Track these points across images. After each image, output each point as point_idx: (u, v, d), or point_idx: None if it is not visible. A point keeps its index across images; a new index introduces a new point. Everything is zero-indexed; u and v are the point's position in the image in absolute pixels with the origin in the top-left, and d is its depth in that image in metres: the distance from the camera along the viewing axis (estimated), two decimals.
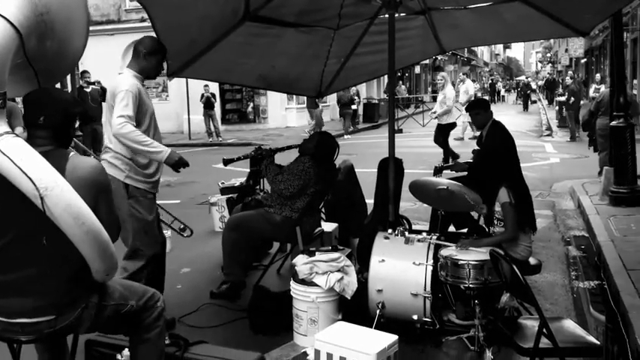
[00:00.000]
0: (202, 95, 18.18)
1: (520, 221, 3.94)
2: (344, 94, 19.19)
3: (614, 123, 7.33)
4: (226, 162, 5.46)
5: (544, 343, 2.79)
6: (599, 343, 2.98)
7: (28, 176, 2.14)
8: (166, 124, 22.26)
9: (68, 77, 10.55)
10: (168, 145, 4.01)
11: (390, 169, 4.73)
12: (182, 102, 19.81)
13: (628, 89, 8.15)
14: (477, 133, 7.29)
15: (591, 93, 18.48)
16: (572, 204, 8.16)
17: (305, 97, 20.15)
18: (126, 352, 3.01)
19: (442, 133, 11.98)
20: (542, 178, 10.11)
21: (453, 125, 12.29)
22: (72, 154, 2.45)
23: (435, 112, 12.46)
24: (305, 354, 3.74)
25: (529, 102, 32.79)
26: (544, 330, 2.78)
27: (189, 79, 16.12)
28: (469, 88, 16.38)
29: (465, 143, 15.30)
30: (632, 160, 7.15)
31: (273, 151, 5.08)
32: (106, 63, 18.74)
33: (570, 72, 22.80)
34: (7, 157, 2.15)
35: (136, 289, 2.76)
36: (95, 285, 2.50)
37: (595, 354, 3.20)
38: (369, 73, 6.93)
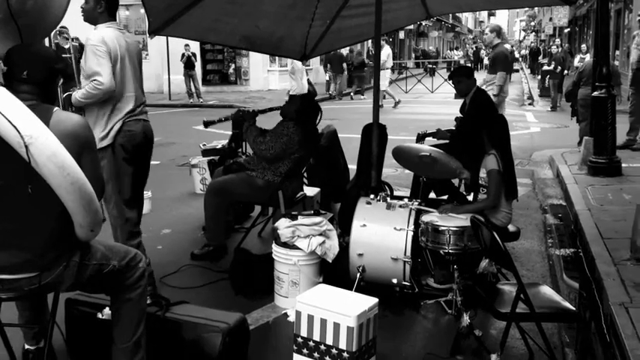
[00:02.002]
0: (183, 55, 17.88)
1: (504, 189, 3.98)
2: (355, 57, 19.20)
3: (595, 93, 7.38)
4: (207, 124, 5.39)
5: (521, 308, 2.85)
6: (574, 309, 3.05)
7: (12, 124, 2.11)
8: (146, 83, 21.66)
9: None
10: (148, 106, 3.92)
11: (374, 134, 4.72)
12: (162, 61, 19.45)
13: (610, 60, 8.17)
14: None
15: (576, 63, 18.53)
16: (551, 173, 8.26)
17: (289, 60, 20.02)
18: (107, 310, 3.02)
19: None
20: (523, 147, 10.20)
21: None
22: (56, 109, 2.42)
23: None
24: (286, 315, 3.79)
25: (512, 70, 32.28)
26: (521, 295, 2.83)
27: (169, 38, 15.84)
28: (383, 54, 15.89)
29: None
30: (611, 131, 7.22)
31: (255, 114, 5.02)
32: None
33: (558, 41, 22.77)
34: None
35: (118, 249, 2.75)
36: (77, 244, 2.48)
37: (570, 319, 3.29)
38: (354, 37, 6.85)
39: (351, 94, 20.58)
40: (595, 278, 4.05)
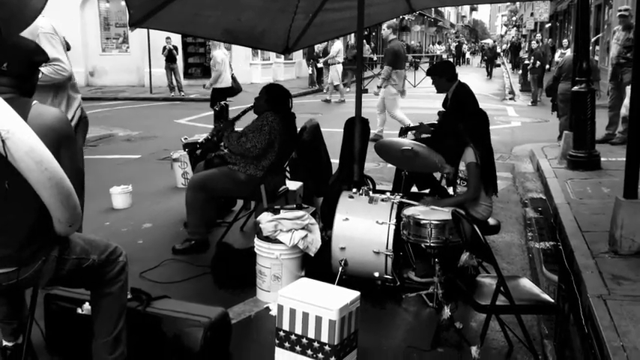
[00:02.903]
0: (164, 48, 17.72)
1: (483, 182, 4.01)
2: (349, 51, 19.32)
3: (575, 88, 7.44)
4: (186, 145, 5.42)
5: (501, 300, 2.88)
6: (553, 301, 3.09)
7: None
8: (127, 76, 21.71)
9: None
10: (128, 100, 3.97)
11: (357, 128, 4.72)
12: (143, 54, 19.27)
13: (590, 55, 8.26)
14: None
15: (557, 58, 18.70)
16: (531, 167, 8.34)
17: (272, 54, 20.01)
18: (86, 305, 2.99)
19: (218, 97, 10.70)
20: (503, 141, 10.28)
21: (229, 90, 11.29)
22: (35, 102, 2.38)
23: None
24: (268, 309, 3.79)
25: (493, 66, 31.31)
26: (501, 288, 2.86)
27: (151, 31, 15.68)
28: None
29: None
30: (591, 126, 7.30)
31: (232, 122, 5.00)
32: (67, 12, 18.04)
33: (539, 36, 22.93)
34: None
35: (98, 243, 2.73)
36: (56, 238, 2.45)
37: (549, 311, 3.33)
38: (336, 31, 6.84)
39: (323, 88, 20.62)
40: (574, 271, 4.10)
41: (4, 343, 3.02)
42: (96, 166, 8.16)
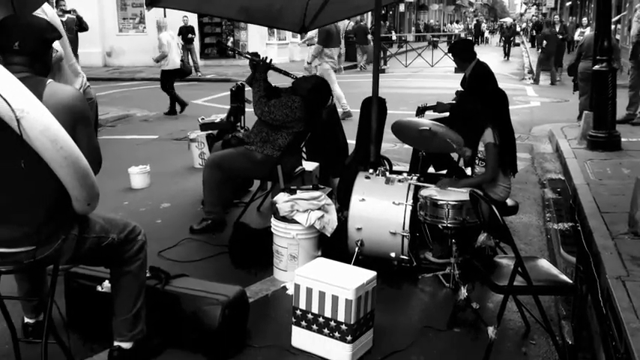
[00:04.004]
0: (182, 28, 17.68)
1: (502, 162, 3.97)
2: (356, 26, 19.55)
3: (596, 67, 7.32)
4: (219, 44, 5.33)
5: (518, 281, 2.86)
6: (571, 282, 3.07)
7: (3, 98, 2.08)
8: (144, 57, 21.67)
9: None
10: (145, 80, 4.00)
11: (373, 108, 4.70)
12: None
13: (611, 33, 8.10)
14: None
15: (576, 37, 18.37)
16: (550, 147, 8.24)
17: (289, 34, 19.94)
18: (106, 283, 3.03)
19: (166, 79, 11.33)
20: (522, 121, 10.16)
21: (177, 71, 11.44)
22: (49, 81, 2.37)
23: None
24: (285, 288, 3.81)
25: (511, 45, 30.06)
26: (519, 269, 2.84)
27: (167, 10, 15.64)
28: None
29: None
30: (612, 105, 7.19)
31: (268, 66, 4.86)
32: None
33: (556, 17, 22.51)
34: None
35: (117, 222, 2.75)
36: (76, 217, 2.48)
37: (567, 292, 3.31)
38: (354, 8, 6.75)
39: (362, 65, 21.36)
40: (592, 252, 4.07)
41: (26, 319, 3.09)
42: (114, 146, 8.22)
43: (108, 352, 2.86)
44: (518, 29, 40.66)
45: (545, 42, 16.32)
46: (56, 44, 3.66)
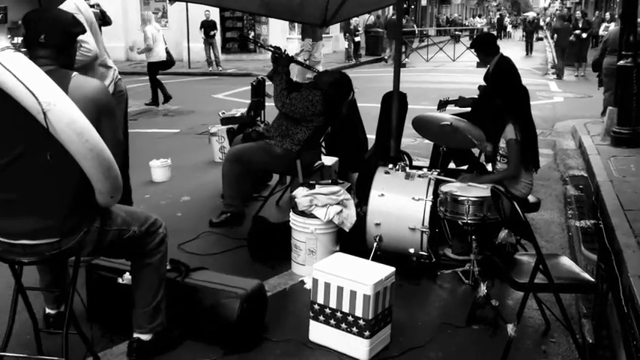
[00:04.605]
0: (203, 22, 17.74)
1: (524, 158, 3.92)
2: (376, 20, 19.83)
3: (621, 62, 7.19)
4: (242, 37, 5.35)
5: (539, 278, 2.83)
6: (593, 280, 3.03)
7: (30, 90, 2.11)
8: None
9: None
10: (166, 74, 4.04)
11: (394, 103, 4.67)
12: (182, 29, 19.35)
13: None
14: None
15: (601, 31, 18.06)
16: (573, 144, 8.13)
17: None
18: (127, 275, 3.06)
19: (150, 72, 11.65)
20: (545, 117, 10.04)
21: (162, 63, 11.59)
22: (75, 74, 2.39)
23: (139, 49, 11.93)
24: (303, 282, 3.82)
25: (533, 41, 28.80)
26: (540, 266, 2.81)
27: (189, 5, 15.73)
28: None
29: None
30: (637, 101, 7.06)
31: (289, 59, 4.91)
32: None
33: (578, 13, 22.03)
34: (9, 70, 2.11)
35: (139, 215, 2.78)
36: (98, 210, 2.50)
37: (589, 290, 3.27)
38: (375, 3, 6.73)
39: (386, 58, 21.69)
40: (614, 250, 4.01)
41: (47, 310, 3.14)
42: (136, 139, 8.28)
43: (127, 343, 2.90)
44: (541, 23, 40.04)
45: (555, 35, 16.10)
46: (92, 44, 3.69)
